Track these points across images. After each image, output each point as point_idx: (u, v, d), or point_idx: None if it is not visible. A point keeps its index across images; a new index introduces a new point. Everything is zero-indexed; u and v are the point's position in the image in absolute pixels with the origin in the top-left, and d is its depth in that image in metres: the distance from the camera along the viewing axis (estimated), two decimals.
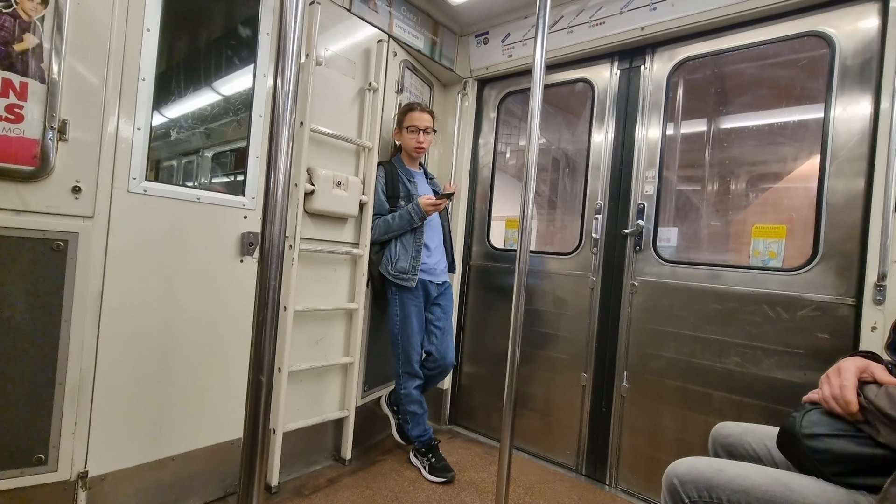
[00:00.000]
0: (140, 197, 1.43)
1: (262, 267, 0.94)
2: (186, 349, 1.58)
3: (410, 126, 2.10)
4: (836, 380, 0.91)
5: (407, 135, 2.11)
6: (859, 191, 1.61)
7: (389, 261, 2.07)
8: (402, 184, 2.13)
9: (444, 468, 2.02)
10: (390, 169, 2.15)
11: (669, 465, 1.01)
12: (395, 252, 2.06)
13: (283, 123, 0.94)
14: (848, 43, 1.66)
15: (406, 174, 2.16)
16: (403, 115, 2.13)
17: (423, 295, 2.10)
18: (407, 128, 2.11)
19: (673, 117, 2.09)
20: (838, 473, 0.86)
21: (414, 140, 2.10)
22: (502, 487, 1.46)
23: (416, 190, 2.13)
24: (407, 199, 2.10)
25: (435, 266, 2.13)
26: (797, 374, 1.67)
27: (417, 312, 2.08)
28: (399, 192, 2.11)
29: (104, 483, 1.40)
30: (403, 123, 2.12)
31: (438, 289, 2.17)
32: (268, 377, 0.92)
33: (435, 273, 2.13)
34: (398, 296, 2.07)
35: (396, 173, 2.14)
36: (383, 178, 2.13)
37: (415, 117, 2.09)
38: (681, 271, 1.96)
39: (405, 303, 2.07)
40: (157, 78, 1.46)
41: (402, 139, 2.15)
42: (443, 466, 2.02)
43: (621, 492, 2.04)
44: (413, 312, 2.07)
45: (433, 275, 2.12)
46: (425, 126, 2.10)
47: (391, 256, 2.07)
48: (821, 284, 1.66)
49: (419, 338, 2.09)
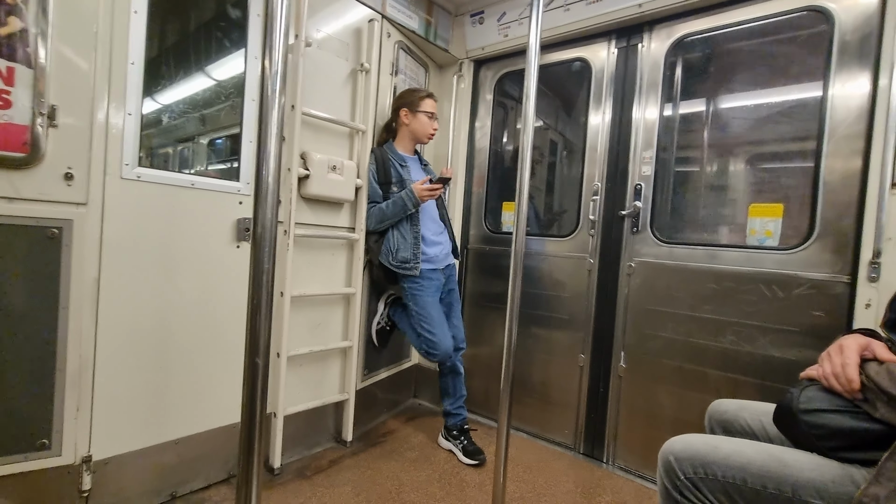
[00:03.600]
0: (134, 183, 1.43)
1: (255, 252, 0.94)
2: (185, 335, 1.60)
3: (428, 111, 2.11)
4: (838, 357, 0.91)
5: (425, 119, 2.10)
6: (856, 169, 1.60)
7: (389, 251, 2.04)
8: (394, 169, 2.09)
9: (474, 452, 2.05)
10: (381, 154, 2.11)
11: (665, 443, 1.02)
12: (395, 242, 2.04)
13: (273, 106, 0.93)
14: (847, 18, 1.63)
15: (398, 159, 2.12)
16: (421, 99, 2.09)
17: (435, 289, 2.07)
18: (425, 112, 2.10)
19: (671, 97, 2.07)
20: (833, 448, 0.87)
21: (430, 126, 2.11)
22: (500, 466, 1.48)
23: (409, 175, 2.10)
24: (400, 184, 2.07)
25: (436, 256, 2.09)
26: (792, 352, 1.68)
27: (436, 306, 2.05)
28: (391, 177, 2.08)
29: (108, 466, 1.43)
30: (420, 107, 2.09)
31: (444, 273, 2.14)
32: (263, 360, 0.93)
33: (437, 261, 2.10)
34: (408, 289, 2.05)
35: (387, 158, 2.11)
36: (374, 164, 2.10)
37: (430, 104, 2.12)
38: (678, 252, 1.96)
39: (421, 291, 2.03)
40: (146, 62, 1.44)
41: (416, 122, 2.10)
42: (474, 450, 2.05)
43: (619, 469, 2.08)
44: (432, 307, 2.04)
45: (435, 262, 2.08)
46: (436, 113, 2.15)
47: (391, 247, 2.04)
48: (816, 263, 1.66)
49: (445, 327, 2.05)
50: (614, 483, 1.95)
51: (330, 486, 1.78)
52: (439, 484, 1.86)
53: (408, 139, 2.16)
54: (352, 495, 1.73)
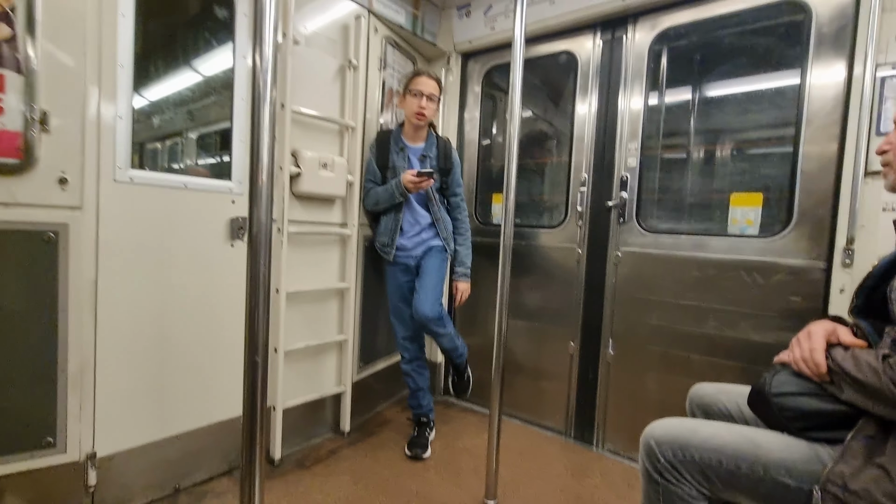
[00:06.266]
0: (127, 186, 1.45)
1: (251, 252, 0.97)
2: (184, 332, 1.63)
3: (414, 90, 1.97)
4: (807, 343, 0.96)
5: (410, 99, 1.98)
6: (832, 157, 1.65)
7: (378, 234, 2.12)
8: (391, 154, 2.05)
9: (413, 444, 2.05)
10: (384, 137, 2.09)
11: (647, 427, 1.07)
12: (382, 226, 2.09)
13: (263, 106, 0.95)
14: (824, 10, 1.67)
15: (397, 145, 2.06)
16: (409, 80, 2.02)
17: (402, 272, 2.10)
18: (410, 90, 1.98)
19: (655, 89, 2.10)
20: (802, 428, 0.93)
21: (416, 104, 1.95)
22: (493, 451, 1.55)
23: (404, 163, 2.04)
24: (393, 170, 2.05)
25: (407, 244, 2.07)
26: (771, 336, 1.75)
27: (397, 287, 2.11)
28: (387, 162, 2.05)
29: (113, 462, 1.47)
30: (408, 87, 2.00)
31: (416, 259, 2.08)
32: (263, 358, 0.97)
33: (408, 249, 2.08)
34: (385, 269, 2.14)
35: (388, 141, 2.07)
36: (375, 146, 2.09)
37: (420, 81, 1.97)
38: (663, 241, 2.01)
39: (388, 276, 2.13)
40: (135, 64, 1.45)
41: (405, 104, 2.02)
42: (413, 442, 2.06)
43: (608, 452, 2.15)
44: (393, 286, 2.12)
45: (406, 251, 2.08)
46: (430, 92, 1.96)
47: (379, 230, 2.10)
48: (794, 250, 1.72)
49: (404, 314, 2.11)
50: (603, 465, 2.03)
51: (329, 475, 1.83)
52: (435, 470, 1.92)
53: (408, 125, 2.06)
54: (350, 483, 1.79)
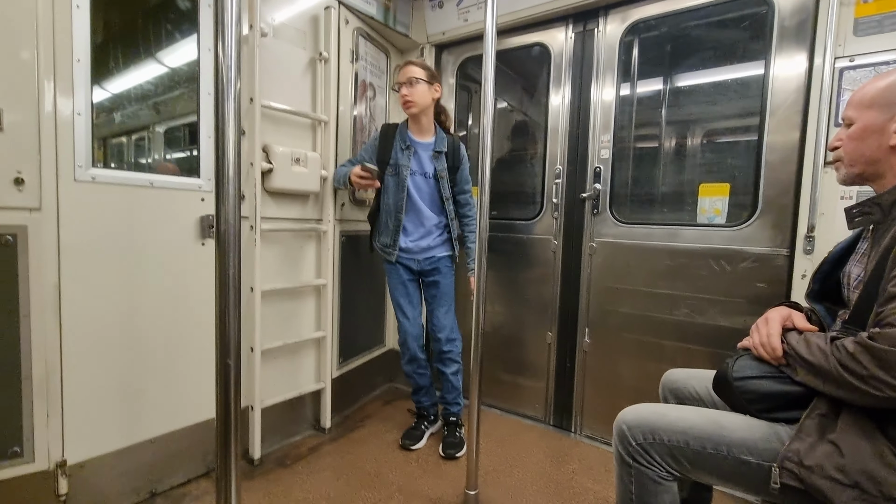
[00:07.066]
0: (88, 185, 1.40)
1: (220, 250, 0.95)
2: (155, 334, 1.59)
3: (397, 83, 1.92)
4: (765, 329, 1.01)
5: (400, 93, 1.92)
6: (794, 147, 1.71)
7: (378, 234, 2.07)
8: (395, 150, 1.97)
9: (406, 435, 2.09)
10: (391, 131, 2.01)
11: (619, 413, 1.11)
12: (381, 226, 2.05)
13: (228, 99, 0.93)
14: (786, 3, 1.71)
15: (402, 140, 1.96)
16: (396, 73, 1.96)
17: (404, 270, 2.05)
18: (398, 84, 1.92)
19: (626, 80, 2.13)
20: (762, 410, 0.97)
21: (400, 98, 1.91)
22: (473, 441, 1.57)
23: (409, 161, 1.94)
24: (394, 167, 1.96)
25: (412, 247, 2.01)
26: (738, 321, 1.82)
27: (399, 283, 2.05)
28: (388, 157, 1.97)
29: (84, 470, 1.43)
30: (397, 82, 1.94)
31: (421, 264, 2.03)
32: (235, 359, 0.95)
33: (413, 252, 2.03)
34: (384, 266, 2.09)
35: (392, 136, 1.99)
36: (377, 138, 2.01)
37: (400, 73, 1.92)
38: (635, 231, 2.06)
39: (389, 276, 2.08)
40: (94, 58, 1.39)
41: None
42: (406, 433, 2.10)
43: (585, 437, 2.21)
44: (394, 282, 2.06)
45: (410, 253, 2.03)
46: (408, 77, 1.87)
47: (379, 230, 2.06)
48: (759, 238, 1.78)
49: (408, 314, 2.06)
50: (581, 450, 2.08)
51: (310, 472, 1.83)
52: (417, 463, 1.94)
53: (410, 120, 1.99)
54: (332, 479, 1.79)
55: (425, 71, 1.92)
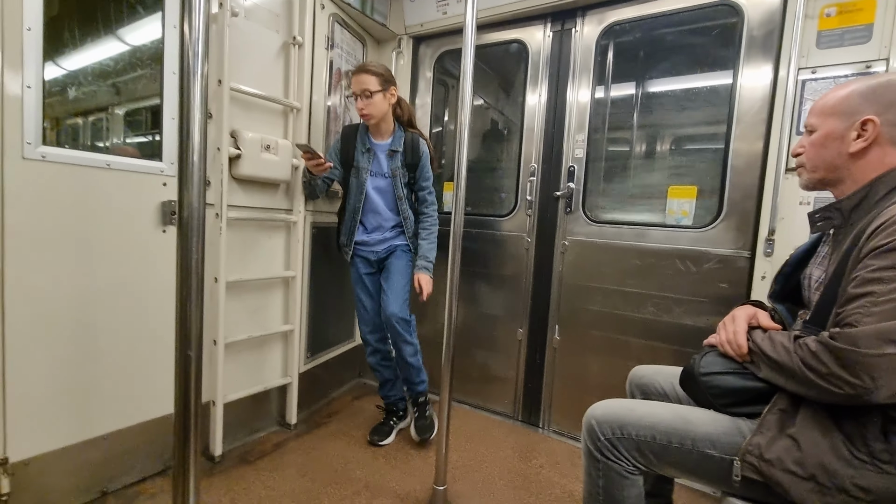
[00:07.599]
0: (38, 164, 1.30)
1: (182, 238, 0.90)
2: (110, 325, 1.50)
3: (351, 94, 1.93)
4: (731, 326, 1.04)
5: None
6: (758, 154, 1.78)
7: (339, 234, 2.08)
8: (356, 152, 1.97)
9: (373, 431, 2.07)
10: (351, 132, 2.00)
11: (589, 408, 1.12)
12: (343, 225, 2.05)
13: (195, 80, 0.88)
14: (755, 14, 1.77)
15: (363, 143, 1.97)
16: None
17: (363, 263, 2.06)
18: (353, 95, 1.91)
19: (601, 82, 2.16)
20: (726, 405, 1.00)
21: (357, 109, 1.90)
22: (442, 437, 1.56)
23: (369, 163, 1.95)
24: (356, 169, 1.97)
25: (368, 239, 2.03)
26: (702, 320, 1.87)
27: (358, 277, 2.07)
28: (350, 159, 1.97)
29: (29, 468, 1.34)
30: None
31: (378, 254, 2.04)
32: (196, 352, 0.91)
33: (370, 245, 2.03)
34: (349, 266, 2.10)
35: (353, 138, 1.98)
36: (339, 142, 2.02)
37: (352, 83, 1.88)
38: (607, 231, 2.09)
39: (351, 272, 2.10)
40: (47, 28, 1.29)
41: None
42: (374, 429, 2.08)
43: (553, 433, 2.24)
44: (354, 277, 2.08)
45: (368, 246, 2.04)
46: (360, 90, 1.84)
47: (341, 229, 2.06)
48: (723, 240, 1.85)
49: (367, 306, 2.07)
50: (549, 446, 2.10)
51: (274, 469, 1.78)
52: (385, 459, 1.91)
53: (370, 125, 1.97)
54: (297, 476, 1.74)
55: (378, 78, 1.85)
